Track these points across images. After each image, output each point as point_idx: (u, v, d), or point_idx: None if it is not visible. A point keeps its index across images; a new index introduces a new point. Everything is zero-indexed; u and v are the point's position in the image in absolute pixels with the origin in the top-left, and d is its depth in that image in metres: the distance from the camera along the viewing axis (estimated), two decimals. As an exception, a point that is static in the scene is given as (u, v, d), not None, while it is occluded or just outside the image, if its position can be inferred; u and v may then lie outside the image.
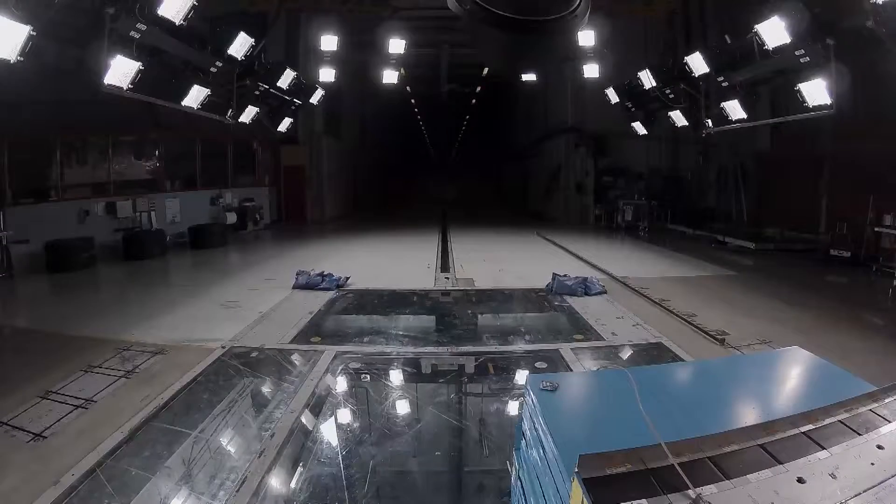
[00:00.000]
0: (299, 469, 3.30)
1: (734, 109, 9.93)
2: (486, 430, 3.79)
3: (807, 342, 5.25)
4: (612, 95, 13.52)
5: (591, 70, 12.76)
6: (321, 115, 16.88)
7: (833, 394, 1.61)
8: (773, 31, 7.92)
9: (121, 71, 7.04)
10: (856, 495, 1.22)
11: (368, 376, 4.70)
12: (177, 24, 7.36)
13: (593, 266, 9.58)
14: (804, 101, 8.08)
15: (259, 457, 3.29)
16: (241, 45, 9.34)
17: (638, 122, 13.80)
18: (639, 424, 1.54)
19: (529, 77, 14.47)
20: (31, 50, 5.42)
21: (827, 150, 10.96)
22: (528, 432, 1.90)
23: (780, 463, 1.33)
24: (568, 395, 1.91)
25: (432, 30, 15.08)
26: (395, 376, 4.76)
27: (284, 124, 13.08)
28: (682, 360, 4.98)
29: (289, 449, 3.47)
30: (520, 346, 5.50)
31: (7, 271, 8.66)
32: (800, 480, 1.26)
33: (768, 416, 1.59)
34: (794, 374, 2.15)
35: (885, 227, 9.16)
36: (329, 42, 12.60)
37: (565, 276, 7.69)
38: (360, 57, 14.37)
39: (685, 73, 10.58)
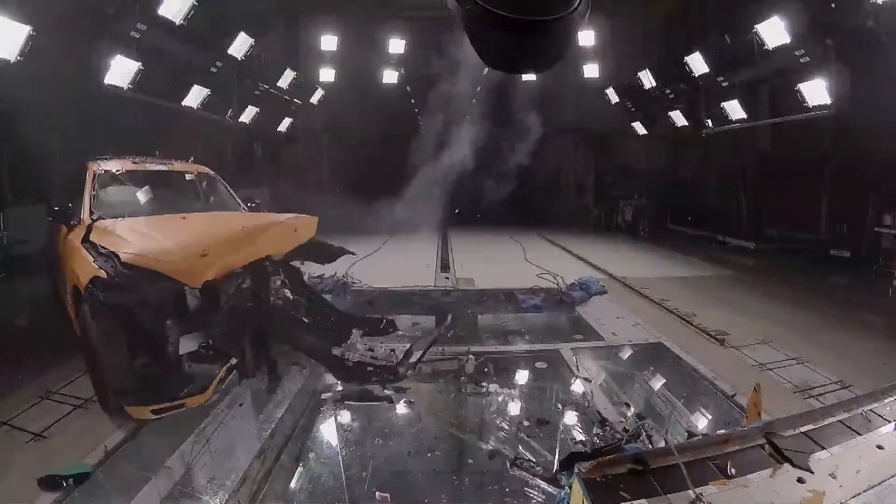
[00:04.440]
0: (299, 469, 3.30)
1: (734, 109, 9.95)
2: (486, 429, 3.78)
3: (807, 342, 5.28)
4: (612, 95, 13.52)
5: (591, 70, 12.77)
6: (321, 114, 16.91)
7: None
8: (773, 31, 7.93)
9: (121, 71, 7.06)
10: (856, 495, 1.22)
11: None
12: (177, 24, 7.37)
13: (593, 266, 9.58)
14: (804, 101, 8.09)
15: (259, 457, 3.29)
16: (241, 45, 9.35)
17: (638, 122, 13.80)
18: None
19: (529, 77, 14.50)
20: (30, 50, 5.43)
21: (827, 150, 10.96)
22: None
23: (780, 463, 1.33)
24: None
25: (432, 30, 15.08)
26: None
27: (284, 124, 13.09)
28: (682, 359, 4.99)
29: (289, 449, 3.47)
30: (519, 346, 5.50)
31: (7, 271, 8.65)
32: (800, 480, 1.26)
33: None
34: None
35: (885, 227, 9.16)
36: (329, 42, 12.62)
37: (572, 284, 7.63)
38: (360, 57, 14.38)
39: (685, 73, 10.58)
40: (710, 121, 10.86)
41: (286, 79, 11.73)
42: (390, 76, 13.91)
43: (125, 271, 3.33)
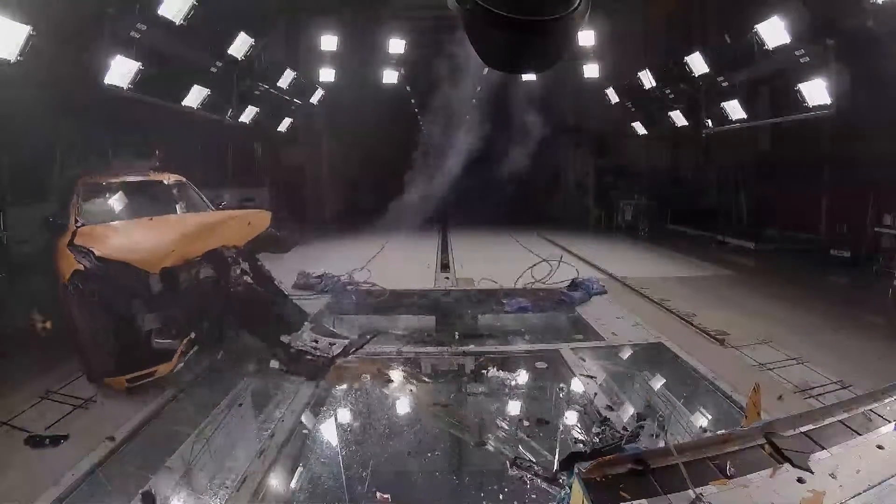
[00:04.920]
0: (299, 469, 3.30)
1: (734, 109, 9.94)
2: (486, 429, 3.78)
3: (807, 342, 5.28)
4: (612, 95, 13.50)
5: (591, 70, 12.75)
6: (321, 114, 16.90)
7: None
8: (773, 31, 7.92)
9: (121, 71, 7.06)
10: (856, 495, 1.22)
11: (368, 376, 4.69)
12: (177, 24, 7.36)
13: (593, 266, 9.58)
14: (804, 101, 8.08)
15: (259, 457, 3.29)
16: (241, 45, 9.34)
17: (638, 122, 13.78)
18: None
19: (529, 77, 14.48)
20: (30, 50, 5.42)
21: (827, 150, 10.96)
22: None
23: (781, 463, 1.33)
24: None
25: (432, 30, 15.08)
26: (395, 376, 4.75)
27: (284, 124, 13.08)
28: (682, 359, 4.99)
29: (289, 449, 3.47)
30: (520, 347, 5.50)
31: (7, 271, 8.64)
32: (800, 480, 1.27)
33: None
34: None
35: (885, 227, 9.16)
36: (329, 42, 12.60)
37: (573, 284, 7.63)
38: (360, 57, 14.37)
39: (685, 73, 10.57)
40: (710, 121, 10.85)
41: (286, 79, 11.72)
42: (390, 76, 13.90)
43: (98, 263, 4.11)
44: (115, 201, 5.70)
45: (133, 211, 5.61)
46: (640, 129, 13.84)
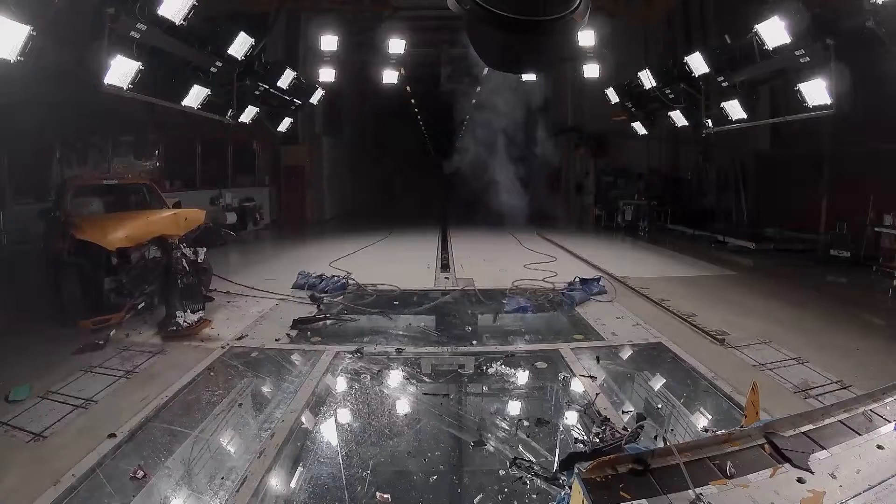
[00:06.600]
0: (299, 469, 3.30)
1: (734, 109, 9.92)
2: (486, 429, 3.78)
3: (807, 342, 5.28)
4: (612, 95, 13.49)
5: (591, 70, 12.74)
6: (321, 115, 16.87)
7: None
8: (773, 31, 7.91)
9: (121, 71, 7.05)
10: (856, 495, 1.22)
11: (368, 376, 4.70)
12: (177, 24, 7.36)
13: (593, 266, 9.58)
14: (804, 101, 8.07)
15: (259, 457, 3.29)
16: (241, 45, 9.32)
17: (638, 122, 13.77)
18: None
19: (529, 77, 14.47)
20: (31, 50, 5.41)
21: (827, 150, 10.96)
22: None
23: (781, 463, 1.33)
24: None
25: (432, 30, 15.08)
26: (395, 376, 4.76)
27: (284, 124, 13.07)
28: (681, 359, 4.99)
29: (289, 449, 3.47)
30: (520, 346, 5.50)
31: (6, 269, 8.64)
32: (800, 480, 1.26)
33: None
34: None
35: (885, 227, 9.16)
36: (329, 42, 12.59)
37: (573, 284, 7.63)
38: (360, 57, 14.37)
39: (685, 73, 10.57)
40: (710, 121, 10.84)
41: (286, 79, 11.71)
42: (390, 76, 13.89)
43: (75, 243, 5.82)
44: (96, 198, 7.50)
45: (108, 206, 7.41)
46: (640, 129, 13.84)
